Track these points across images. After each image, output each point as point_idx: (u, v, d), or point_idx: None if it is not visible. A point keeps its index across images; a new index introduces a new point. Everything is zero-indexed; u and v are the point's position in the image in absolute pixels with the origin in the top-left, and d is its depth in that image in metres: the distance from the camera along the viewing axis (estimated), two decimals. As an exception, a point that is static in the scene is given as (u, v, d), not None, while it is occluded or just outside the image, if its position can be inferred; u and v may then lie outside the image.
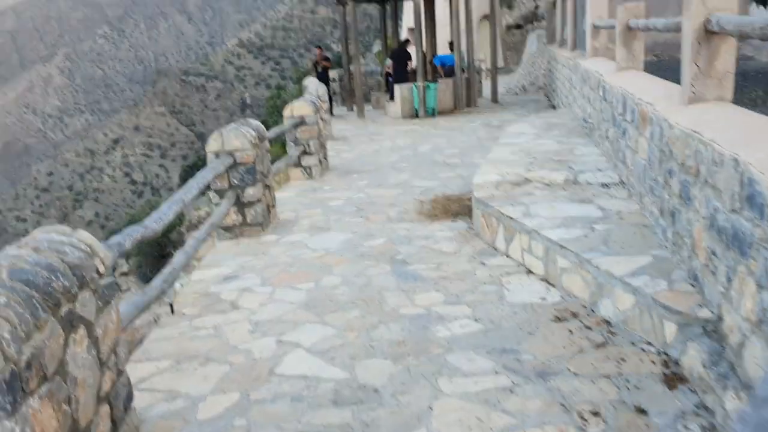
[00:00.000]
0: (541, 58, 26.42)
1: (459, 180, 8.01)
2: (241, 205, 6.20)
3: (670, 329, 3.31)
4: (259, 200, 6.26)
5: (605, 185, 5.70)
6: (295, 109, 8.57)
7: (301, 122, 8.59)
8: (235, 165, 6.09)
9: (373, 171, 9.14)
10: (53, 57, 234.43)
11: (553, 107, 15.32)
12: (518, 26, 36.07)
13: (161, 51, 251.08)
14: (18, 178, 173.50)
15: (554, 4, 17.99)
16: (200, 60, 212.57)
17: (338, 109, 18.48)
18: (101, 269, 2.74)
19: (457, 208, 6.68)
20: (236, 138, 6.05)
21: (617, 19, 6.60)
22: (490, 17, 30.68)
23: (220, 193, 6.14)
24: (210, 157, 6.06)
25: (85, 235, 2.78)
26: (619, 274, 3.78)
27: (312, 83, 14.05)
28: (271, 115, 42.89)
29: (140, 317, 3.93)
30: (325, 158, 9.36)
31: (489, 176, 6.34)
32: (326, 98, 12.82)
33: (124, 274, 30.18)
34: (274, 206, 6.85)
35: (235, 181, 6.14)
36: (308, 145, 8.67)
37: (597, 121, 7.52)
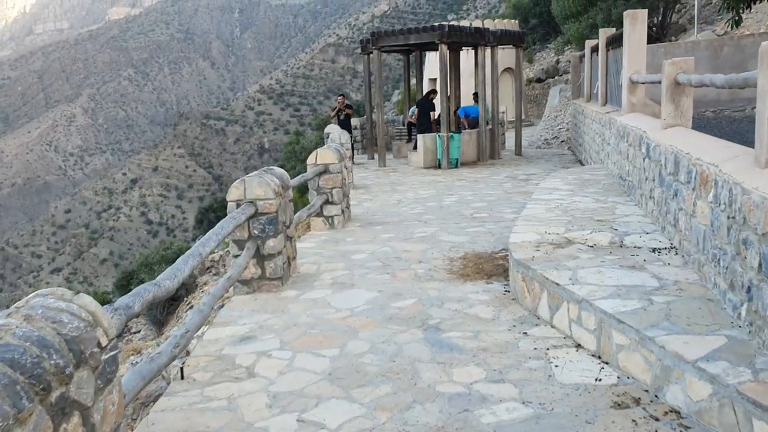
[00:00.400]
0: (563, 112, 26.26)
1: (489, 236, 7.59)
2: (260, 257, 5.81)
3: (762, 429, 2.82)
4: (279, 252, 5.87)
5: (656, 250, 5.26)
6: (320, 156, 8.25)
7: (324, 170, 8.26)
8: (256, 215, 5.73)
9: (397, 223, 8.75)
10: (78, 97, 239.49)
11: (581, 162, 14.97)
12: (539, 80, 36.13)
13: (183, 94, 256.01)
14: (36, 215, 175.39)
15: (581, 59, 17.83)
16: (221, 104, 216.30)
17: (359, 158, 18.24)
18: (104, 342, 2.34)
19: (490, 267, 6.24)
20: (259, 186, 5.70)
21: (664, 73, 6.26)
22: (512, 70, 30.80)
23: (240, 244, 5.76)
24: (231, 206, 5.70)
25: (86, 300, 2.38)
26: (691, 358, 3.31)
27: (335, 130, 13.85)
28: (289, 160, 42.98)
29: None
30: (348, 208, 9.00)
31: (526, 235, 5.93)
32: (349, 146, 12.56)
33: (134, 314, 29.70)
34: (294, 258, 6.46)
35: (256, 232, 5.76)
36: (331, 194, 8.32)
37: (638, 180, 7.12)
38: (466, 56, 23.35)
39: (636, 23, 8.82)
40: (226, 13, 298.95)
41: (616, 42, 10.74)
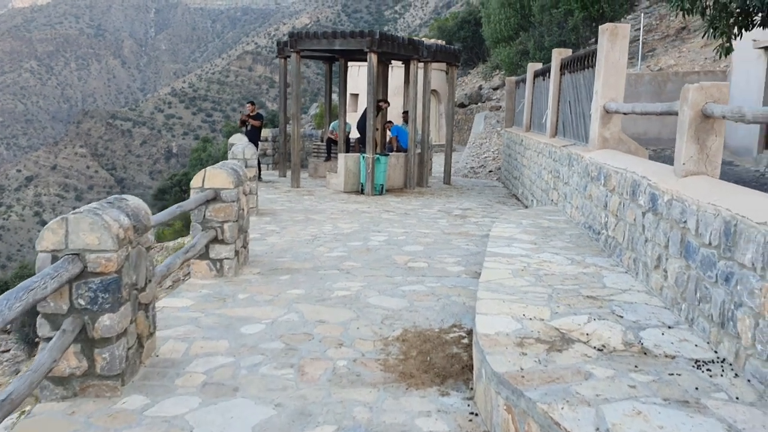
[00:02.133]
0: (488, 140, 25.01)
1: (432, 300, 5.67)
2: (88, 342, 3.64)
3: None
4: (121, 334, 3.73)
5: (700, 365, 3.48)
6: (209, 178, 6.11)
7: (214, 197, 6.13)
8: (84, 275, 3.57)
9: (310, 271, 6.71)
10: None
11: (516, 198, 13.42)
12: (462, 105, 35.08)
13: (90, 92, 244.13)
14: None
15: (517, 85, 16.45)
16: (129, 105, 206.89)
17: (268, 174, 16.06)
18: None
19: (441, 359, 4.31)
20: (92, 230, 3.55)
21: (688, 101, 4.57)
22: (437, 93, 29.40)
23: (54, 321, 3.59)
24: (43, 258, 3.53)
25: None
26: None
27: (239, 142, 11.69)
28: (194, 167, 40.03)
29: None
30: (245, 248, 6.88)
31: (499, 321, 4.04)
32: (255, 162, 10.44)
33: (5, 331, 26.28)
34: (152, 334, 4.31)
35: (82, 302, 3.60)
36: (222, 230, 6.19)
37: (629, 239, 5.42)
38: (392, 73, 21.69)
39: (616, 40, 7.23)
40: (141, 12, 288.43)
41: (576, 64, 9.19)
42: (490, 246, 6.25)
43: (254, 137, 14.87)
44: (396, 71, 23.55)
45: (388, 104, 14.77)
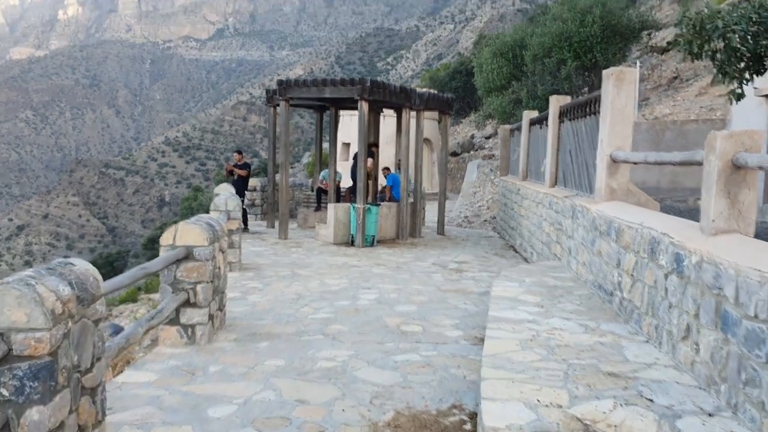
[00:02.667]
0: (482, 189, 24.61)
1: (429, 373, 5.04)
2: (12, 441, 2.99)
3: None
4: (55, 431, 3.08)
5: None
6: (181, 234, 5.52)
7: (186, 256, 5.53)
8: (8, 358, 2.95)
9: (292, 336, 6.07)
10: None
11: (514, 249, 12.87)
12: (454, 153, 34.87)
13: (84, 141, 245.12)
14: None
15: (512, 133, 16.08)
16: (123, 154, 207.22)
17: (256, 225, 15.48)
18: None
19: (440, 452, 3.67)
20: (19, 306, 2.94)
21: (716, 151, 4.05)
22: (429, 141, 29.13)
23: (-31, 416, 2.94)
24: (-42, 338, 2.91)
25: None
26: None
27: (223, 192, 11.17)
28: (185, 216, 39.39)
29: None
30: (221, 310, 6.24)
31: (509, 409, 3.42)
32: (238, 214, 9.87)
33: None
34: (100, 422, 3.65)
35: (5, 393, 2.96)
36: (194, 292, 5.57)
37: (648, 303, 4.84)
38: (384, 122, 21.40)
39: (621, 85, 6.77)
40: (136, 63, 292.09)
41: (577, 111, 8.76)
42: (493, 309, 5.64)
43: (241, 187, 14.36)
44: (388, 120, 23.26)
45: (377, 148, 14.30)
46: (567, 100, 10.18)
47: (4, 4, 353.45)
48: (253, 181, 16.95)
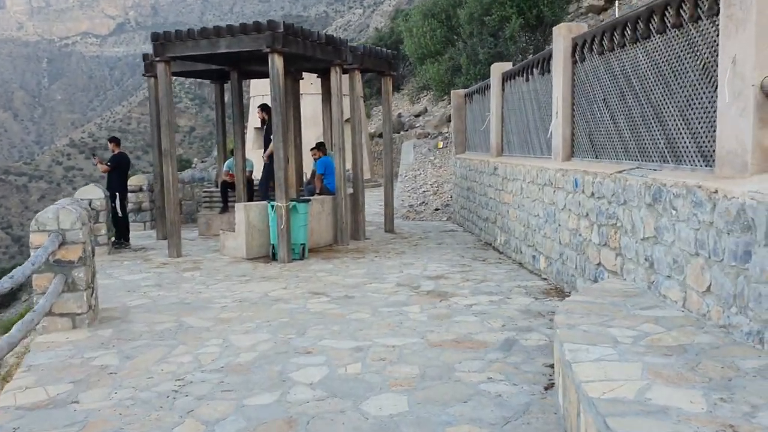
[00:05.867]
0: (424, 172, 21.34)
1: None
2: None
3: None
4: None
5: None
6: None
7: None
8: None
9: None
10: None
11: (493, 248, 9.55)
12: (381, 135, 31.46)
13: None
14: None
15: (469, 99, 12.73)
16: (24, 159, 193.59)
17: (143, 236, 11.58)
18: None
19: None
20: None
21: None
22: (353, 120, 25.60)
23: None
24: None
25: None
26: None
27: (92, 195, 7.33)
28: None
29: None
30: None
31: None
32: (78, 234, 6.04)
33: None
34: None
35: None
36: None
37: None
38: (304, 101, 17.77)
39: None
40: (32, 62, 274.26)
41: (632, 32, 5.41)
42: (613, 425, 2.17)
43: (115, 186, 10.45)
44: (308, 100, 19.58)
45: (268, 113, 10.51)
46: (579, 27, 6.86)
47: None
48: (138, 179, 12.98)
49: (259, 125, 20.66)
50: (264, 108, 10.67)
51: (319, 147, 10.65)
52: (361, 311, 5.98)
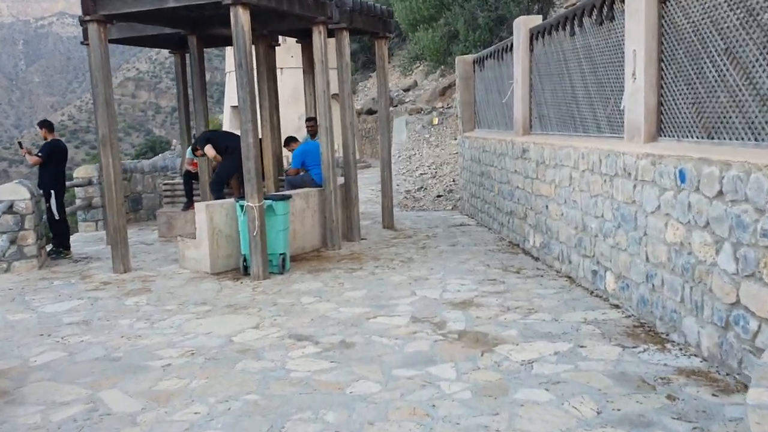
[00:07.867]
0: (419, 152, 19.29)
1: None
2: None
3: None
4: None
5: None
6: None
7: None
8: None
9: None
10: None
11: (521, 249, 7.57)
12: (370, 111, 29.31)
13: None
14: None
15: (478, 65, 10.66)
16: (3, 143, 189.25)
17: (92, 240, 9.52)
18: None
19: None
20: None
21: None
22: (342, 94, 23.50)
23: None
24: None
25: None
26: None
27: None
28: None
29: None
30: None
31: None
32: (35, 221, 4.01)
33: None
34: None
35: None
36: None
37: None
38: (282, 76, 15.67)
39: None
40: (7, 45, 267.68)
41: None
42: None
43: (48, 183, 8.35)
44: (287, 74, 17.51)
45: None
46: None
47: None
48: (86, 169, 10.88)
49: (236, 103, 18.53)
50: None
51: (292, 139, 8.87)
52: (368, 377, 3.98)
